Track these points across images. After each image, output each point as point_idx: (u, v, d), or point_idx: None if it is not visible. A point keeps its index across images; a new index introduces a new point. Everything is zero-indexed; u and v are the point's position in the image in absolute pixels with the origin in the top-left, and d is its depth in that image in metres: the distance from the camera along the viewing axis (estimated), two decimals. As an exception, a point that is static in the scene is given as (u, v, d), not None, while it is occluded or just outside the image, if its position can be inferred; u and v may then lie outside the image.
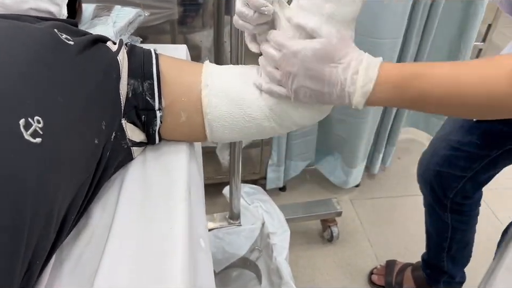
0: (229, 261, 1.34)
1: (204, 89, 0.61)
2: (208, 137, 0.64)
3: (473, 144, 1.06)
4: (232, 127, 0.62)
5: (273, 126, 0.63)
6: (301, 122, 0.63)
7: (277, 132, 0.65)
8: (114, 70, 0.57)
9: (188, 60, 0.92)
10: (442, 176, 1.15)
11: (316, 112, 0.63)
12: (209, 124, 0.62)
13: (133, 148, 0.61)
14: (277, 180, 1.78)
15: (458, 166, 1.11)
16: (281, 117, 0.62)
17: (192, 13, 1.38)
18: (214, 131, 0.63)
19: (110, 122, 0.56)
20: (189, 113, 0.61)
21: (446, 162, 1.13)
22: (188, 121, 0.62)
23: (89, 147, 0.51)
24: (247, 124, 0.62)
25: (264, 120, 0.62)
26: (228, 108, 0.61)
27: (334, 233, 1.65)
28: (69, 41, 0.53)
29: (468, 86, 0.50)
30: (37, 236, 0.41)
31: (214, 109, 0.61)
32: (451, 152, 1.11)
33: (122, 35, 0.79)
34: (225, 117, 0.61)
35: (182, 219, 0.52)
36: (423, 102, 0.53)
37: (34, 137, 0.41)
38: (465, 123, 1.07)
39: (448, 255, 1.31)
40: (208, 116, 0.61)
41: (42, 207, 0.41)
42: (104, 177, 0.56)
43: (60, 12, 0.67)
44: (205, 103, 0.60)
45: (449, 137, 1.12)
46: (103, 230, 0.52)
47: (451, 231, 1.25)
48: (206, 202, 0.73)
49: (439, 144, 1.16)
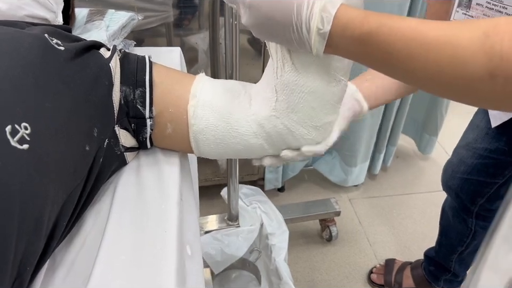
0: (228, 262, 1.34)
1: (192, 100, 0.59)
2: (194, 151, 0.62)
3: (501, 151, 1.04)
4: (218, 142, 0.60)
5: (261, 144, 0.60)
6: (292, 142, 0.59)
7: (267, 151, 0.61)
8: (106, 77, 0.57)
9: (182, 62, 0.92)
10: (472, 183, 1.13)
11: (310, 131, 0.58)
12: (195, 137, 0.60)
13: (126, 153, 0.61)
14: (275, 180, 1.78)
15: (489, 173, 1.09)
16: (271, 135, 0.59)
17: (187, 15, 1.38)
18: (199, 144, 0.61)
19: (102, 129, 0.55)
20: (175, 125, 0.60)
21: (475, 170, 1.11)
22: (174, 133, 0.61)
23: (79, 153, 0.51)
24: (233, 140, 0.60)
25: (251, 137, 0.59)
26: (214, 120, 0.59)
27: (333, 233, 1.65)
28: (59, 46, 0.52)
29: (433, 39, 0.41)
30: (25, 241, 0.41)
31: (200, 120, 0.59)
32: (479, 160, 1.09)
33: (115, 39, 0.79)
34: (211, 130, 0.59)
35: (174, 224, 0.52)
36: (387, 61, 0.44)
37: (21, 143, 0.41)
38: (489, 131, 1.05)
39: (459, 257, 1.30)
40: (193, 127, 0.59)
41: (31, 212, 0.41)
42: (97, 183, 0.56)
43: (55, 19, 0.67)
44: (190, 113, 0.59)
45: (475, 145, 1.10)
46: (96, 236, 0.52)
47: (471, 237, 1.23)
48: (205, 204, 0.73)
49: (465, 153, 1.13)
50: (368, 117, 1.66)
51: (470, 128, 1.15)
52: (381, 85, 0.71)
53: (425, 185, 1.99)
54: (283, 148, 0.60)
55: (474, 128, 1.11)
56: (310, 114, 0.56)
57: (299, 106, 0.56)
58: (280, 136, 0.58)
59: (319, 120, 0.57)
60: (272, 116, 0.57)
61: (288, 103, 0.56)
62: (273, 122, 0.57)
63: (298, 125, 0.57)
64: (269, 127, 0.58)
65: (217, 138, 0.60)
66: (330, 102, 0.56)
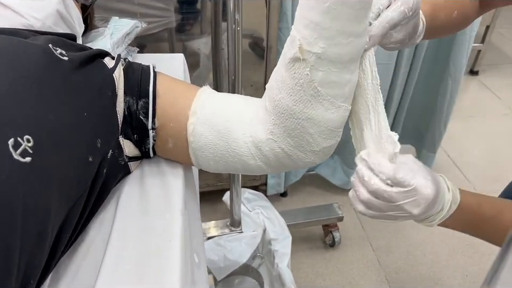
0: (231, 268, 1.34)
1: (192, 117, 0.58)
2: (194, 165, 0.62)
3: None
4: (217, 159, 0.60)
5: (259, 165, 0.59)
6: (290, 164, 0.59)
7: (266, 171, 0.61)
8: (110, 88, 0.56)
9: (185, 68, 0.92)
10: None
11: (308, 155, 0.57)
12: (194, 153, 0.60)
13: (130, 163, 0.61)
14: (277, 185, 1.78)
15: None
16: (268, 157, 0.58)
17: (190, 21, 1.39)
18: (199, 160, 0.61)
19: (105, 140, 0.55)
20: (176, 140, 0.60)
21: None
22: (174, 147, 0.61)
23: (82, 165, 0.51)
24: (231, 159, 0.59)
25: (249, 158, 0.59)
26: (213, 139, 0.58)
27: (336, 238, 1.64)
28: (63, 56, 0.52)
29: None
30: (29, 255, 0.41)
31: (199, 138, 0.58)
32: None
33: (119, 46, 0.79)
34: (210, 148, 0.59)
35: (179, 234, 0.52)
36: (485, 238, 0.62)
37: (23, 156, 0.41)
38: None
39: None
40: (192, 145, 0.59)
41: (33, 225, 0.41)
42: (103, 194, 0.56)
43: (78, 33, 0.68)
44: (189, 131, 0.58)
45: None
46: (100, 246, 0.52)
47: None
48: (207, 209, 0.73)
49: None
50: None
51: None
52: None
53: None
54: (281, 169, 0.61)
55: None
56: (308, 139, 0.56)
57: (296, 132, 0.55)
58: (277, 159, 0.58)
59: (317, 145, 0.56)
60: (270, 139, 0.57)
61: (285, 128, 0.55)
62: (270, 146, 0.57)
63: (295, 149, 0.57)
64: (267, 150, 0.57)
65: (216, 156, 0.60)
66: (328, 128, 0.55)
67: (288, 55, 0.52)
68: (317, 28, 0.48)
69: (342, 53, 0.50)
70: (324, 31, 0.48)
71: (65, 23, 0.63)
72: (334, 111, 0.54)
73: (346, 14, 0.48)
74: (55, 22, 0.61)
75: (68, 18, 0.64)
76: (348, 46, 0.50)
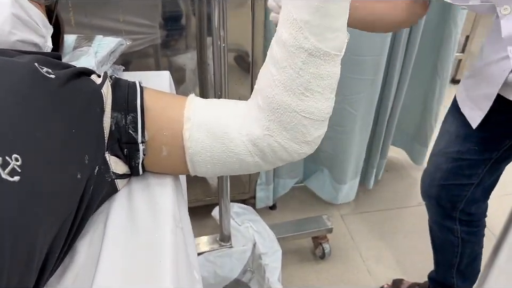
0: (222, 284, 1.33)
1: (186, 123, 0.60)
2: (190, 172, 0.63)
3: (473, 151, 1.08)
4: (215, 162, 0.61)
5: (257, 161, 0.61)
6: (286, 157, 0.62)
7: (262, 167, 0.63)
8: (98, 104, 0.57)
9: (171, 85, 0.92)
10: (450, 189, 1.17)
11: (302, 146, 0.61)
12: (191, 159, 0.61)
13: (117, 180, 0.60)
14: (266, 198, 1.78)
15: (464, 175, 1.12)
16: (265, 153, 0.60)
17: (175, 36, 1.39)
18: (196, 166, 0.62)
19: (93, 156, 0.55)
20: (170, 148, 0.60)
21: (451, 174, 1.14)
22: (169, 155, 0.61)
23: (71, 182, 0.50)
24: (229, 159, 0.61)
25: (247, 156, 0.61)
26: (210, 142, 0.60)
27: (326, 250, 1.64)
28: (50, 74, 0.52)
29: None
30: (18, 275, 0.40)
31: (196, 143, 0.60)
32: (453, 164, 1.13)
33: (104, 65, 0.79)
34: (207, 151, 0.60)
35: (169, 253, 0.51)
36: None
37: (12, 175, 0.41)
38: (460, 132, 1.09)
39: (458, 271, 1.30)
40: (189, 150, 0.60)
41: (22, 245, 0.40)
42: (88, 212, 0.55)
43: (44, 43, 0.67)
44: (186, 137, 0.59)
45: (448, 150, 1.14)
46: (90, 267, 0.51)
47: (461, 245, 1.25)
48: (196, 225, 0.72)
49: (439, 160, 1.17)
50: (357, 133, 1.67)
51: (440, 135, 1.19)
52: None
53: (416, 199, 1.99)
54: (277, 163, 0.63)
55: (445, 133, 1.16)
56: (302, 131, 0.59)
57: (291, 124, 0.58)
58: (274, 153, 0.61)
59: (310, 135, 0.60)
60: (266, 135, 0.59)
61: (280, 122, 0.58)
62: (267, 141, 0.59)
63: (291, 141, 0.60)
64: (263, 145, 0.60)
65: (214, 159, 0.61)
66: (319, 118, 0.59)
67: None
68: (307, 25, 0.53)
69: (329, 47, 0.55)
70: (313, 28, 0.53)
71: (26, 26, 0.63)
72: (324, 102, 0.58)
73: (333, 11, 0.53)
74: (14, 26, 0.61)
75: (28, 20, 0.63)
76: (335, 40, 0.55)
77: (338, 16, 0.54)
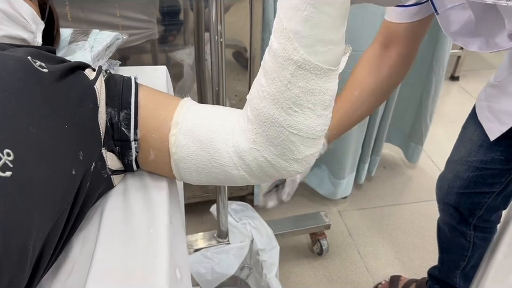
0: (219, 280, 1.32)
1: (174, 128, 0.58)
2: (176, 177, 0.61)
3: (498, 161, 1.03)
4: (200, 170, 0.59)
5: (242, 175, 0.58)
6: (274, 173, 0.58)
7: (249, 181, 0.60)
8: (91, 99, 0.56)
9: (168, 81, 0.91)
10: (470, 196, 1.13)
11: (291, 164, 0.57)
12: (176, 164, 0.59)
13: (113, 176, 0.60)
14: (264, 195, 1.77)
15: (486, 184, 1.08)
16: (251, 167, 0.57)
17: (173, 32, 1.38)
18: (181, 172, 0.60)
19: (88, 152, 0.54)
20: (157, 152, 0.59)
21: (472, 183, 1.10)
22: (156, 159, 0.60)
23: (65, 178, 0.49)
24: (214, 170, 0.58)
25: (232, 168, 0.58)
26: (195, 149, 0.58)
27: (324, 246, 1.64)
28: (43, 68, 0.51)
29: None
30: (10, 273, 0.39)
31: (181, 149, 0.58)
32: (475, 173, 1.08)
33: (100, 59, 0.78)
34: (192, 159, 0.58)
35: (164, 249, 0.51)
36: None
37: (3, 171, 0.40)
38: (484, 143, 1.04)
39: (462, 273, 1.28)
40: (174, 156, 0.58)
41: (15, 242, 0.40)
42: (84, 208, 0.55)
43: (33, 39, 0.66)
44: (171, 142, 0.58)
45: (469, 158, 1.09)
46: (84, 263, 0.51)
47: (471, 249, 1.22)
48: (194, 221, 0.73)
49: (459, 168, 1.12)
50: (354, 128, 1.66)
51: (461, 142, 1.14)
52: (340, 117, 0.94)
53: (412, 195, 2.00)
54: (265, 179, 0.59)
55: (466, 141, 1.10)
56: (290, 148, 0.55)
57: (278, 140, 0.54)
58: (260, 168, 0.57)
59: (300, 153, 0.56)
60: (252, 148, 0.56)
61: (267, 136, 0.55)
62: (253, 155, 0.56)
63: (278, 157, 0.56)
64: (249, 159, 0.56)
65: (199, 167, 0.59)
66: (310, 136, 0.55)
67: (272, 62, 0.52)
68: (297, 36, 0.49)
69: (320, 61, 0.50)
70: (303, 39, 0.49)
71: (13, 21, 0.61)
72: (316, 119, 0.54)
73: (324, 22, 0.48)
74: (0, 21, 0.60)
75: (15, 15, 0.61)
76: (327, 54, 0.50)
77: (330, 29, 0.49)
